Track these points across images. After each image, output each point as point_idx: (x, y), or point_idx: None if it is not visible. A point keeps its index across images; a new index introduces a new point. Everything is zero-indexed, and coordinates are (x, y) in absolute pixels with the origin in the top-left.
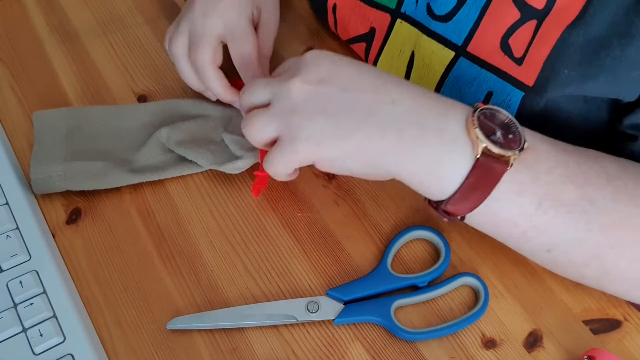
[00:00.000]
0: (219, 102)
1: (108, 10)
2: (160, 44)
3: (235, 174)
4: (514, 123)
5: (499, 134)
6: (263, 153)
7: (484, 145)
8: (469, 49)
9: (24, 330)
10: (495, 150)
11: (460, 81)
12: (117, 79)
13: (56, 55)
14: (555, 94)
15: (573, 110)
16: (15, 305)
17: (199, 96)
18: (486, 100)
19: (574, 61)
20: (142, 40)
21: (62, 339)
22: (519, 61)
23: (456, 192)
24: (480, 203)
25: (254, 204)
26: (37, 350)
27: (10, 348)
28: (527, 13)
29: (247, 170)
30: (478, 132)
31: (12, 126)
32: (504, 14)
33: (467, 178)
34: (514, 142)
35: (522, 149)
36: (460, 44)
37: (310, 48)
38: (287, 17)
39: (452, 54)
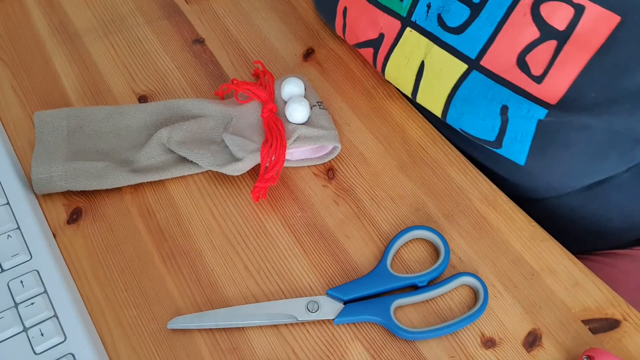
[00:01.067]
0: (219, 102)
1: (109, 11)
2: (161, 44)
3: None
4: None
5: None
6: (264, 156)
7: None
8: (483, 62)
9: (25, 329)
10: None
11: (472, 94)
12: (118, 79)
13: (57, 56)
14: (581, 116)
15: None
16: (16, 305)
17: (200, 96)
18: (502, 114)
19: (602, 85)
20: (143, 40)
21: (62, 339)
22: (538, 79)
23: None
24: None
25: (254, 204)
26: (38, 349)
27: (11, 348)
28: (547, 33)
29: (247, 170)
30: None
31: (13, 126)
32: (523, 31)
33: None
34: None
35: None
36: (473, 57)
37: (310, 48)
38: (287, 17)
39: (464, 66)
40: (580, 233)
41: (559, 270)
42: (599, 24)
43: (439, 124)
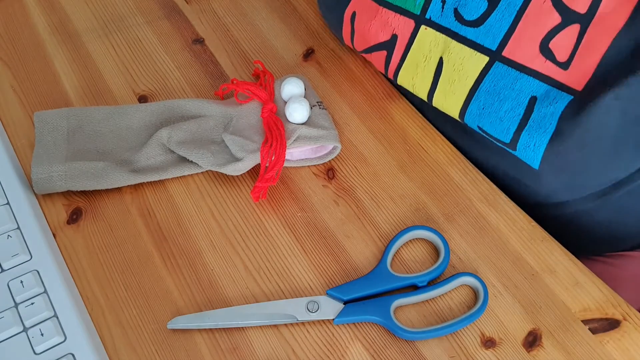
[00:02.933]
0: (219, 102)
1: (109, 11)
2: (161, 44)
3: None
4: None
5: None
6: (264, 156)
7: None
8: (505, 53)
9: (25, 329)
10: None
11: (498, 86)
12: (118, 79)
13: (57, 56)
14: (606, 98)
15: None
16: (16, 305)
17: (200, 96)
18: (530, 107)
19: (627, 66)
20: (143, 40)
21: (62, 339)
22: (565, 65)
23: None
24: None
25: (254, 204)
26: (38, 349)
27: (11, 348)
28: (569, 17)
29: (247, 170)
30: None
31: (13, 126)
32: (544, 17)
33: None
34: None
35: None
36: (494, 48)
37: (310, 48)
38: (287, 17)
39: (486, 59)
40: (595, 237)
41: (559, 270)
42: (620, 3)
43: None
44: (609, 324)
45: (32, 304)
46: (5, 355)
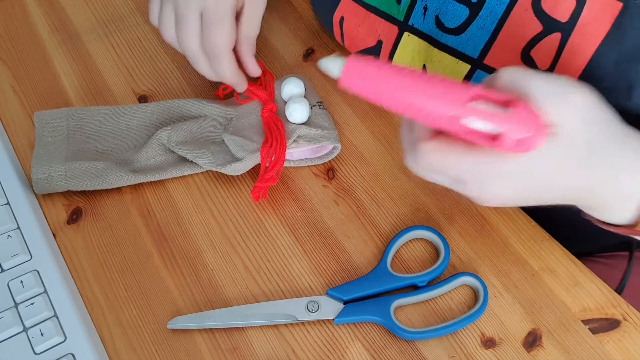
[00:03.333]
0: (219, 102)
1: (109, 11)
2: (161, 44)
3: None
4: None
5: None
6: (264, 156)
7: None
8: (487, 61)
9: (25, 329)
10: None
11: None
12: (118, 79)
13: (57, 56)
14: None
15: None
16: (16, 305)
17: (200, 96)
18: None
19: (609, 75)
20: (143, 40)
21: (62, 339)
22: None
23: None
24: None
25: (254, 204)
26: (38, 349)
27: (11, 348)
28: (551, 26)
29: (247, 170)
30: None
31: (13, 126)
32: (525, 26)
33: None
34: None
35: None
36: (476, 56)
37: (310, 48)
38: (287, 17)
39: (467, 67)
40: (595, 237)
41: (559, 270)
42: (602, 12)
43: None
44: (609, 324)
45: (32, 304)
46: (5, 355)
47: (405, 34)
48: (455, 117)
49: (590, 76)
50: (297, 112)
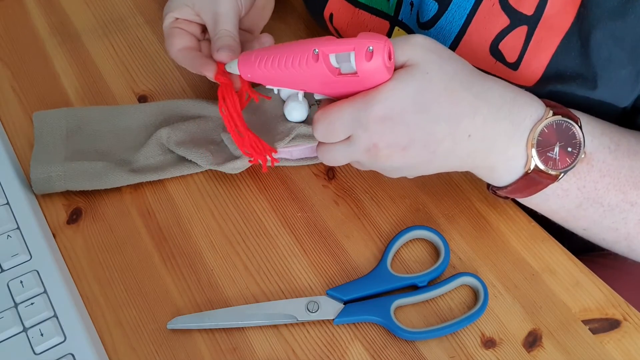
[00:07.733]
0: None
1: (109, 11)
2: (161, 44)
3: (236, 174)
4: (578, 140)
5: (556, 149)
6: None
7: (535, 164)
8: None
9: (25, 330)
10: (544, 168)
11: None
12: (118, 79)
13: (57, 56)
14: (558, 88)
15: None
16: (16, 305)
17: (199, 96)
18: None
19: (576, 64)
20: (143, 40)
21: (62, 339)
22: (514, 66)
23: (509, 186)
24: (526, 197)
25: (254, 204)
26: (38, 350)
27: (11, 348)
28: (517, 19)
29: (247, 170)
30: (534, 151)
31: (12, 126)
32: (493, 20)
33: (517, 182)
34: (570, 156)
35: (573, 166)
36: None
37: None
38: (287, 17)
39: None
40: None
41: (559, 270)
42: (565, 4)
43: None
44: (609, 324)
45: (32, 304)
46: (5, 355)
47: (396, 28)
48: (318, 67)
49: (556, 67)
50: (296, 110)
